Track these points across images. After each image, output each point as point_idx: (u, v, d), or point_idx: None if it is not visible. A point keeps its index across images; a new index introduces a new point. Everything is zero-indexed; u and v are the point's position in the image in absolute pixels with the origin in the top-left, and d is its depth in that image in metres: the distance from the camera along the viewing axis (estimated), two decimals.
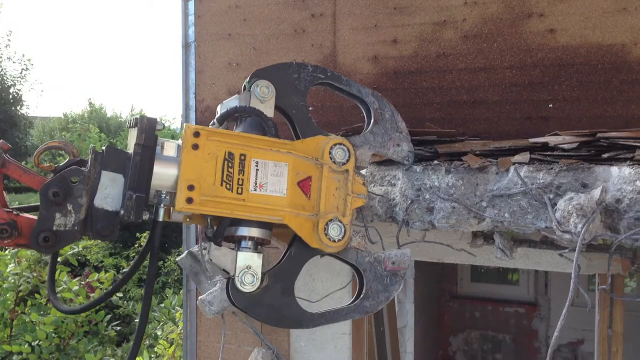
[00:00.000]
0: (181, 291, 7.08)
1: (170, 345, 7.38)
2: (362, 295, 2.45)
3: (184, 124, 2.21)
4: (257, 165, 2.26)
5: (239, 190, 2.22)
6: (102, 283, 7.23)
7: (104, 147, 2.11)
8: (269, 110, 2.41)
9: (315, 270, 4.12)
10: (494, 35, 3.46)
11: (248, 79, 2.42)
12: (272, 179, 2.28)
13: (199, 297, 3.45)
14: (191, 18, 4.33)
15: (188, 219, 2.33)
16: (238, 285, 2.24)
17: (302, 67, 2.55)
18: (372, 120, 2.63)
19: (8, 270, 6.72)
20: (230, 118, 2.40)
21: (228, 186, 2.20)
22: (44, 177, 2.05)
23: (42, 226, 1.97)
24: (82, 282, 7.17)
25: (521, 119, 3.41)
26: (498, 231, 2.78)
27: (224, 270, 2.29)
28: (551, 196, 2.41)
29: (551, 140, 2.74)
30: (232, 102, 2.44)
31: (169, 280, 13.26)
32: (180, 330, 7.19)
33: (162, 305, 9.22)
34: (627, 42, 3.18)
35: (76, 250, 7.45)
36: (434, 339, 9.98)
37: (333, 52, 3.92)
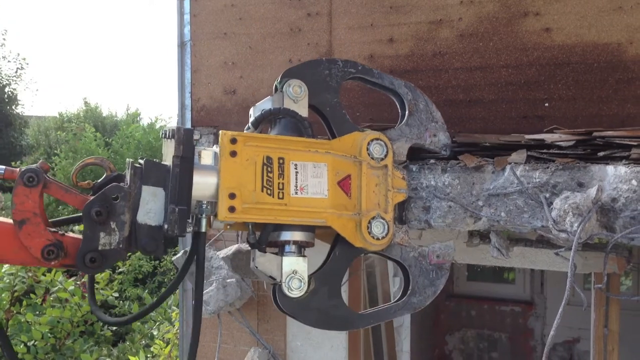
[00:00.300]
0: (177, 291, 7.07)
1: (167, 345, 7.37)
2: (409, 292, 2.42)
3: (220, 131, 2.17)
4: (296, 168, 2.21)
5: (280, 195, 2.17)
6: (97, 283, 7.21)
7: (141, 161, 2.07)
8: (303, 110, 2.36)
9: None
10: (490, 34, 3.45)
11: (279, 79, 2.38)
12: (312, 180, 2.23)
13: None
14: (187, 17, 4.32)
15: (229, 226, 2.29)
16: (285, 290, 2.19)
17: (333, 62, 2.51)
18: (406, 112, 2.60)
19: (3, 270, 6.69)
20: (265, 121, 2.36)
21: (269, 191, 2.16)
22: (86, 196, 2.02)
23: (87, 247, 1.94)
24: (78, 282, 7.15)
25: (517, 118, 3.41)
26: (494, 230, 2.78)
27: (270, 276, 2.24)
28: (547, 195, 2.41)
29: (548, 137, 2.74)
30: (265, 104, 2.39)
31: (165, 280, 13.24)
32: (177, 330, 7.19)
33: None
34: (622, 41, 3.18)
35: None
36: (430, 338, 9.99)
37: (329, 51, 3.91)
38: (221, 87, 4.24)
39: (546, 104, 3.33)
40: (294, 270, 2.20)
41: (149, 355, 7.49)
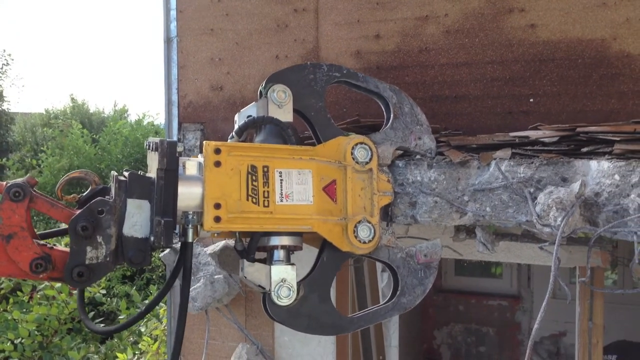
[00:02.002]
0: None
1: (154, 342, 7.35)
2: (398, 292, 2.44)
3: (204, 142, 2.17)
4: (281, 176, 2.22)
5: (266, 203, 2.18)
6: None
7: (125, 174, 2.08)
8: (287, 115, 2.37)
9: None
10: (476, 30, 3.47)
11: (263, 84, 2.38)
12: (297, 187, 2.24)
13: None
14: (173, 13, 4.30)
15: (216, 235, 2.30)
16: (275, 299, 2.20)
17: (317, 67, 2.51)
18: (391, 115, 2.61)
19: None
20: (249, 129, 2.37)
21: (254, 200, 2.17)
22: (72, 210, 2.02)
23: (75, 261, 1.95)
24: None
25: (503, 114, 3.43)
26: (480, 225, 2.80)
27: (259, 286, 2.27)
28: (532, 190, 2.43)
29: (532, 134, 2.76)
30: (250, 110, 2.41)
31: (154, 276, 13.19)
32: (164, 326, 7.17)
33: (146, 301, 9.17)
34: (606, 37, 3.21)
35: None
36: (419, 333, 10.04)
37: (316, 47, 3.91)
38: (208, 83, 4.23)
39: (531, 100, 3.36)
40: (283, 279, 2.22)
41: (136, 352, 7.48)
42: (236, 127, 2.38)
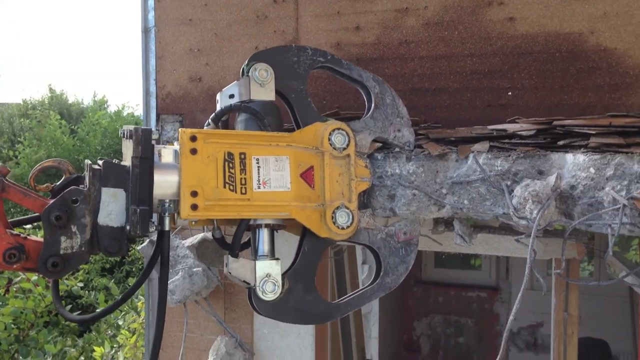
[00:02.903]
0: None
1: (132, 335, 7.31)
2: (382, 273, 2.46)
3: (180, 129, 2.15)
4: (258, 162, 2.22)
5: (243, 190, 2.17)
6: None
7: (100, 162, 2.05)
8: (270, 94, 2.37)
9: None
10: (455, 23, 3.48)
11: (246, 62, 2.37)
12: (274, 174, 2.24)
13: None
14: (151, 2, 4.24)
15: (194, 223, 2.29)
16: (260, 294, 2.20)
17: (302, 50, 2.50)
18: (372, 105, 2.61)
19: None
20: (226, 116, 2.36)
21: (231, 187, 2.16)
22: (45, 199, 2.00)
23: (49, 251, 1.93)
24: None
25: (481, 107, 3.44)
26: (458, 218, 2.81)
27: (244, 281, 2.27)
28: (509, 183, 2.45)
29: (509, 127, 2.78)
30: (232, 89, 2.39)
31: (133, 269, 13.11)
32: (143, 319, 7.13)
33: None
34: (584, 31, 3.23)
35: None
36: (399, 324, 10.11)
37: (296, 39, 3.89)
38: (187, 75, 4.19)
39: (509, 93, 3.38)
40: (268, 274, 2.22)
41: (114, 345, 7.43)
42: (218, 107, 2.38)
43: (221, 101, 2.42)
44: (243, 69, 2.40)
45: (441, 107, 3.55)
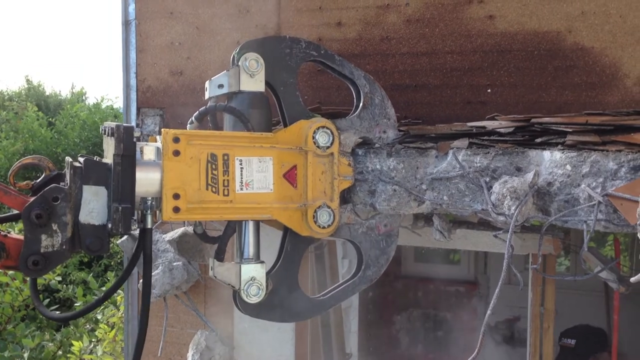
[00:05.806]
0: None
1: (112, 329, 7.26)
2: (363, 266, 2.48)
3: (163, 130, 2.14)
4: (241, 164, 2.22)
5: (226, 192, 2.18)
6: None
7: (81, 159, 2.03)
8: (259, 84, 2.35)
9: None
10: (436, 20, 3.50)
11: (237, 50, 2.34)
12: (257, 175, 2.24)
13: (140, 280, 3.40)
14: None
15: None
16: (245, 297, 2.23)
17: (296, 42, 2.49)
18: (360, 104, 2.61)
19: None
20: (209, 115, 2.36)
21: (214, 189, 2.16)
22: (25, 197, 1.98)
23: (29, 250, 1.91)
24: None
25: (461, 104, 3.48)
26: (437, 213, 2.85)
27: (229, 284, 2.27)
28: (487, 179, 2.48)
29: (488, 124, 2.81)
30: (221, 78, 2.37)
31: (112, 263, 12.99)
32: (122, 314, 7.08)
33: (104, 288, 9.03)
34: (562, 30, 3.27)
35: None
36: (378, 319, 10.16)
37: (277, 34, 3.88)
38: (167, 68, 4.17)
39: (489, 90, 3.41)
40: (252, 277, 2.23)
41: (93, 340, 7.37)
42: (206, 95, 2.37)
43: (210, 90, 2.41)
44: (234, 56, 2.38)
45: (421, 104, 3.57)
